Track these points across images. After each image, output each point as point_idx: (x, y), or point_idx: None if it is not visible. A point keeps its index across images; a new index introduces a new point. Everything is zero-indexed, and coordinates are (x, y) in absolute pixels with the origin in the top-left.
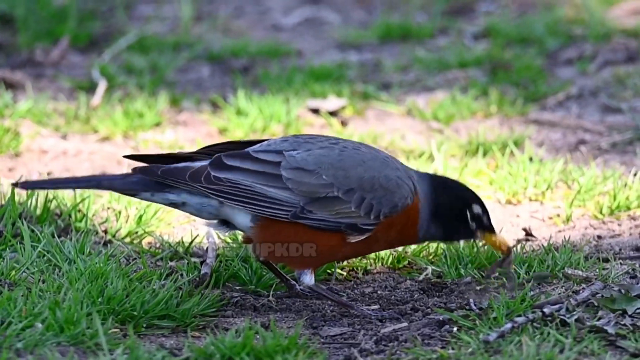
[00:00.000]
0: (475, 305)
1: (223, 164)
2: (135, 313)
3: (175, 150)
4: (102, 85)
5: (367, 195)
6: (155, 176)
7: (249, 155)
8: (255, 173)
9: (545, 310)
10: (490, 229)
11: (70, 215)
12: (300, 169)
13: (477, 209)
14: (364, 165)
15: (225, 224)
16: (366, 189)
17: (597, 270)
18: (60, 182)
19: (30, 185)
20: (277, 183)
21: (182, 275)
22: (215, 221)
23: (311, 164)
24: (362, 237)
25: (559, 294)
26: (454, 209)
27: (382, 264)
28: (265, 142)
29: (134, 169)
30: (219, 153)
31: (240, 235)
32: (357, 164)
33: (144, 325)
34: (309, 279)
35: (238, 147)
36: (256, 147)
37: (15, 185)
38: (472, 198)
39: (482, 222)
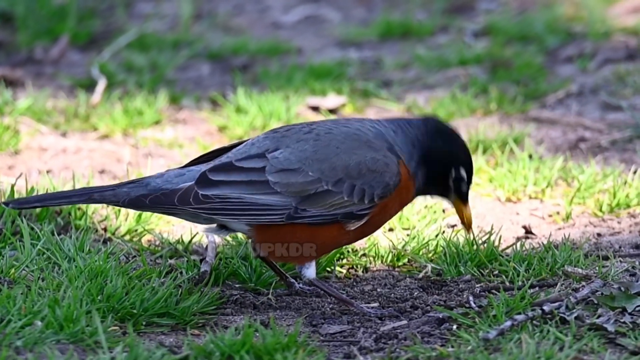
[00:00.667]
0: (474, 303)
1: (209, 180)
2: (134, 311)
3: (175, 149)
4: (101, 83)
5: (356, 181)
6: (145, 206)
7: (232, 166)
8: (241, 183)
9: (544, 308)
10: (464, 197)
11: (69, 213)
12: (285, 170)
13: (462, 172)
14: (341, 149)
15: (224, 227)
16: (354, 175)
17: (597, 268)
18: (51, 198)
19: (20, 204)
20: (265, 189)
21: (181, 273)
22: (214, 225)
23: (295, 163)
24: (361, 223)
25: (559, 291)
26: (441, 163)
27: (381, 262)
28: (248, 142)
29: (122, 183)
30: (204, 164)
31: (240, 235)
32: (339, 152)
33: (144, 323)
34: (310, 272)
35: (222, 155)
36: (238, 152)
37: (6, 204)
38: (463, 159)
39: (461, 187)
